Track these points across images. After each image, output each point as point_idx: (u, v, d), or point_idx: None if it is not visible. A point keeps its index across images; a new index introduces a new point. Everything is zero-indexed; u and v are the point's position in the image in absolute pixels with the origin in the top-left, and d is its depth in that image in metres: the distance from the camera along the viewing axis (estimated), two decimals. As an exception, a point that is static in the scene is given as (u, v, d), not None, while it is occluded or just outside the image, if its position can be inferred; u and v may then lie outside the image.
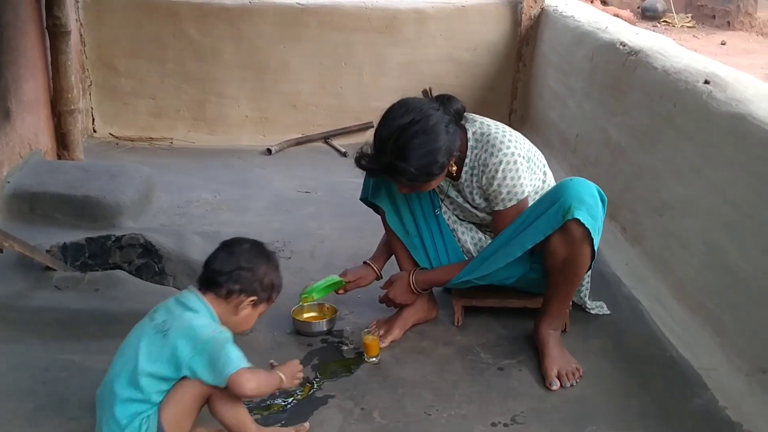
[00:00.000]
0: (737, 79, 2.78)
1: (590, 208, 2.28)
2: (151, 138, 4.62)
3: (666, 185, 2.93)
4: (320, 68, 4.68)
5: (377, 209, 2.67)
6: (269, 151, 4.51)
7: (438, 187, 2.54)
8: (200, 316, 1.93)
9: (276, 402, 2.28)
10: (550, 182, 2.58)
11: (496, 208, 2.45)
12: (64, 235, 3.10)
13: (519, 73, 4.74)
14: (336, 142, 4.70)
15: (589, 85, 3.81)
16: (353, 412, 2.24)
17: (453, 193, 2.56)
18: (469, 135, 2.44)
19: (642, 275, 2.98)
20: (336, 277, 2.63)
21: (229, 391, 1.86)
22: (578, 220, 2.26)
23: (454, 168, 2.42)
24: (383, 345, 2.55)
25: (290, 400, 2.30)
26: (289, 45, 4.61)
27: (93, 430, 1.97)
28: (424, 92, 2.38)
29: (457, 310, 2.70)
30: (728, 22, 13.35)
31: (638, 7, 14.07)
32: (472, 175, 2.46)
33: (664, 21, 13.53)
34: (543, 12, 4.61)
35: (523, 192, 2.41)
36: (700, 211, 2.69)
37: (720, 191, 2.59)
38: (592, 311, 2.77)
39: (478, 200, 2.50)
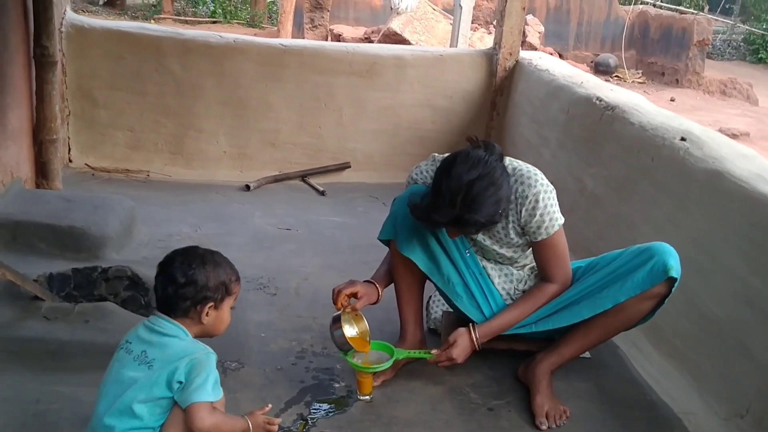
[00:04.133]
0: (712, 138, 2.96)
1: (679, 274, 2.37)
2: (128, 170, 4.60)
3: (642, 234, 3.06)
4: (300, 108, 4.76)
5: (390, 247, 2.68)
6: (247, 187, 4.54)
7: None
8: (180, 339, 1.96)
9: (272, 438, 2.29)
10: None
11: (540, 238, 2.48)
12: (46, 265, 3.08)
13: (493, 122, 4.90)
14: (313, 181, 4.75)
15: (564, 136, 3.97)
16: (349, 450, 2.27)
17: (479, 236, 2.59)
18: None
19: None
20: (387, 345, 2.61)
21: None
22: (674, 280, 2.35)
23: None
24: (375, 384, 2.58)
25: (286, 436, 2.32)
26: (270, 84, 4.68)
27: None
28: (470, 140, 2.42)
29: (445, 350, 2.76)
30: (677, 80, 13.97)
31: (592, 62, 14.63)
32: (506, 209, 2.49)
33: (616, 76, 14.09)
34: (518, 64, 4.80)
35: (561, 218, 2.47)
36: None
37: (696, 242, 2.74)
38: (573, 355, 2.86)
39: (512, 235, 2.52)
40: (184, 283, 1.96)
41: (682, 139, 2.99)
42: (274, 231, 3.99)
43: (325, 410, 2.46)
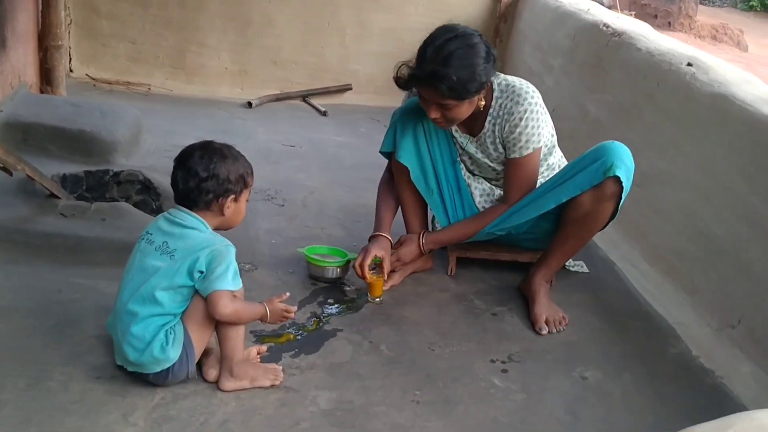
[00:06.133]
0: (718, 64, 3.02)
1: (628, 170, 2.44)
2: (129, 82, 4.59)
3: (645, 158, 3.14)
4: (303, 27, 4.74)
5: (390, 159, 2.78)
6: (249, 104, 4.56)
7: (458, 143, 2.69)
8: (200, 231, 2.02)
9: (288, 332, 2.39)
10: (555, 142, 2.75)
11: (512, 156, 2.58)
12: (58, 167, 3.11)
13: (495, 48, 4.89)
14: (314, 101, 4.77)
15: (569, 62, 4.01)
16: (362, 345, 2.37)
17: (472, 149, 2.69)
18: (494, 86, 2.57)
19: (616, 241, 3.19)
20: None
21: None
22: (617, 178, 2.41)
23: (482, 103, 2.52)
24: (384, 288, 2.67)
25: (301, 331, 2.41)
26: (274, 0, 4.64)
27: (113, 345, 2.05)
28: None
29: (451, 260, 2.86)
30: (669, 23, 13.91)
31: (586, 1, 14.52)
32: (495, 124, 2.59)
33: (609, 16, 14.01)
34: (523, -9, 4.80)
35: (538, 141, 2.55)
36: (679, 183, 2.93)
37: (699, 164, 2.83)
38: (572, 269, 2.98)
39: (501, 150, 2.62)
40: (207, 177, 2.00)
41: (689, 64, 3.04)
42: (278, 147, 4.03)
43: (337, 309, 2.56)
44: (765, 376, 2.31)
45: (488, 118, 2.60)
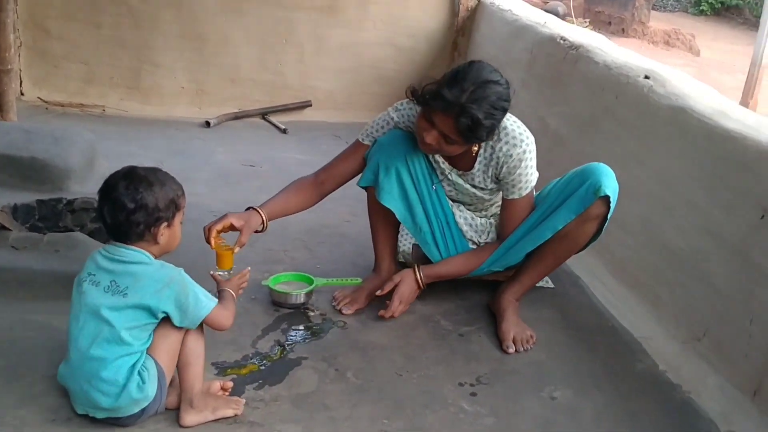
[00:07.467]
0: (674, 76, 3.04)
1: (614, 191, 2.46)
2: (82, 104, 4.49)
3: (606, 171, 3.15)
4: (261, 44, 4.69)
5: (368, 190, 2.72)
6: (208, 123, 4.49)
7: (438, 168, 2.64)
8: (146, 265, 1.95)
9: (251, 362, 2.34)
10: None
11: (511, 197, 2.55)
12: (8, 196, 2.99)
13: (454, 62, 4.91)
14: (273, 119, 4.72)
15: (528, 76, 4.02)
16: (328, 373, 2.32)
17: (458, 180, 2.63)
18: None
19: (579, 255, 3.16)
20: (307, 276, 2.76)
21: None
22: (607, 198, 2.43)
23: (475, 149, 2.49)
24: (349, 312, 2.64)
25: (264, 361, 2.36)
26: (230, 18, 4.59)
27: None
28: None
29: (416, 280, 2.82)
30: (623, 30, 14.15)
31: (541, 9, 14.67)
32: (488, 166, 2.53)
33: (565, 24, 14.16)
34: (480, 4, 4.81)
35: (534, 180, 2.55)
36: (640, 196, 2.94)
37: (660, 177, 2.84)
38: (537, 284, 2.96)
39: (489, 184, 2.59)
40: (135, 209, 1.91)
41: (646, 77, 3.07)
42: (238, 167, 3.97)
43: (301, 336, 2.51)
44: (732, 389, 2.32)
45: (479, 159, 2.55)
